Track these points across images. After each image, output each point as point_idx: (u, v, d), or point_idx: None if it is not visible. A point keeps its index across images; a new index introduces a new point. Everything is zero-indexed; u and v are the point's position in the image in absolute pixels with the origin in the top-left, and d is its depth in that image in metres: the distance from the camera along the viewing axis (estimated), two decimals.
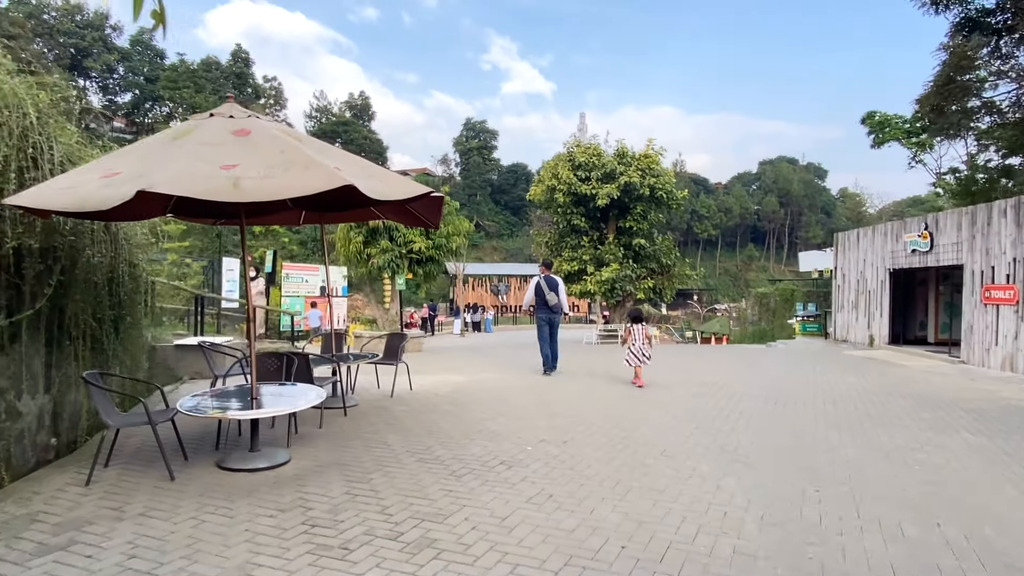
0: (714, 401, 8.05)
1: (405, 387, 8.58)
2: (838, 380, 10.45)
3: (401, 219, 8.37)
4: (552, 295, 10.17)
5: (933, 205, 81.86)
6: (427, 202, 7.38)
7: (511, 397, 8.11)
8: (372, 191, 4.29)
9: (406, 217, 8.01)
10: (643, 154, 21.96)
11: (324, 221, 8.96)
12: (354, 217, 8.58)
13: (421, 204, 7.45)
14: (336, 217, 8.65)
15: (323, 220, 9.01)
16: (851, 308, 18.11)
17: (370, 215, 8.24)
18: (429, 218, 7.69)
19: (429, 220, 7.77)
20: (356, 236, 12.98)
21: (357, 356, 7.74)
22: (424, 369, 10.78)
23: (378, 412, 7.01)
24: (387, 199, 4.50)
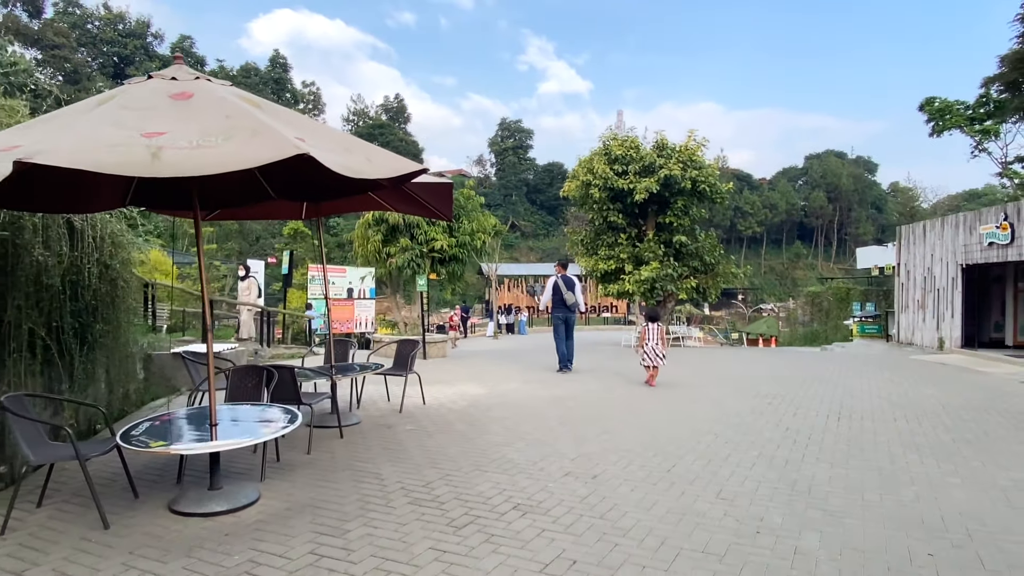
0: (774, 418, 6.88)
1: (417, 401, 7.66)
2: (914, 391, 9.11)
3: (410, 209, 7.45)
4: (569, 294, 10.17)
5: (991, 198, 77.91)
6: (436, 190, 6.44)
7: (535, 414, 7.09)
8: (339, 165, 3.34)
9: (415, 207, 7.10)
10: (683, 146, 20.63)
11: (326, 212, 8.13)
12: (357, 206, 7.70)
13: (430, 193, 6.53)
14: (336, 207, 7.78)
15: (324, 212, 8.19)
16: (917, 308, 16.50)
17: (374, 204, 7.35)
18: (440, 208, 6.75)
19: (440, 211, 6.82)
20: (375, 235, 12.16)
21: (359, 367, 6.83)
22: (444, 378, 9.85)
23: (379, 433, 6.08)
24: (360, 176, 3.54)
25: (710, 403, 7.87)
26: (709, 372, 11.21)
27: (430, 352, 12.50)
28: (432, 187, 6.29)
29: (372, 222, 12.30)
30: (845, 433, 6.25)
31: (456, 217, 12.60)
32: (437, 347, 12.76)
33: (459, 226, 12.49)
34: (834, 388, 9.25)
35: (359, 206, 7.63)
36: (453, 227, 12.53)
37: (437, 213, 6.94)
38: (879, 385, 9.72)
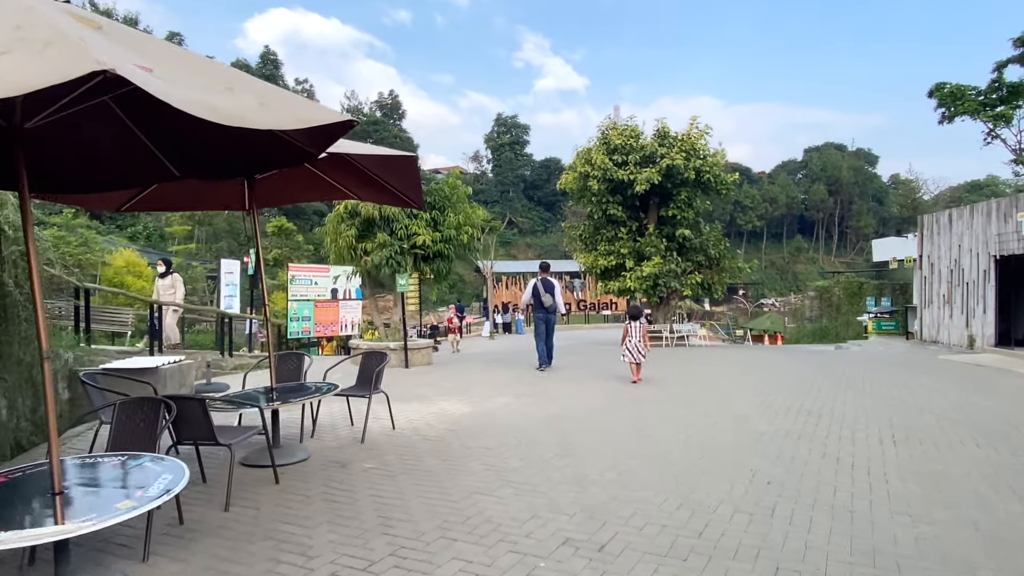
0: (816, 445, 5.64)
1: (385, 424, 6.41)
2: (965, 402, 7.90)
3: (373, 195, 6.22)
4: (548, 297, 10.63)
5: (993, 190, 76.89)
6: (396, 167, 5.20)
7: (526, 441, 5.85)
8: (196, 104, 2.11)
9: (376, 192, 5.87)
10: (686, 134, 19.38)
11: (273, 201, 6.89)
12: (306, 193, 6.45)
13: (389, 171, 5.29)
14: (282, 194, 6.53)
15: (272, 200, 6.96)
16: (942, 303, 15.29)
17: (326, 189, 6.12)
18: (406, 192, 5.53)
19: (406, 195, 5.60)
20: (347, 229, 10.87)
21: (314, 389, 5.57)
22: (424, 392, 8.61)
23: (328, 474, 4.84)
24: (235, 122, 2.30)
25: (734, 421, 6.64)
26: (723, 378, 9.97)
27: (413, 360, 11.25)
28: (391, 163, 5.06)
29: (345, 215, 11.02)
30: (909, 465, 5.02)
31: (440, 209, 11.33)
32: (421, 354, 11.50)
33: (444, 219, 11.21)
34: (873, 400, 8.02)
35: (309, 193, 6.38)
36: (438, 220, 11.26)
37: (404, 199, 5.71)
38: (921, 394, 8.49)
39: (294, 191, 6.31)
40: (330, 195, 6.32)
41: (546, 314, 10.82)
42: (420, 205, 5.72)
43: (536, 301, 10.80)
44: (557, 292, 10.76)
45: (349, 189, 6.00)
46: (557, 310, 10.83)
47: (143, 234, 50.67)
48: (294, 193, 6.41)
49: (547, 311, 10.77)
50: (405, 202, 5.80)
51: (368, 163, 5.18)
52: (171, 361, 7.89)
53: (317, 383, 5.76)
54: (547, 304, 10.67)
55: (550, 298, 10.62)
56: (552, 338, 11.11)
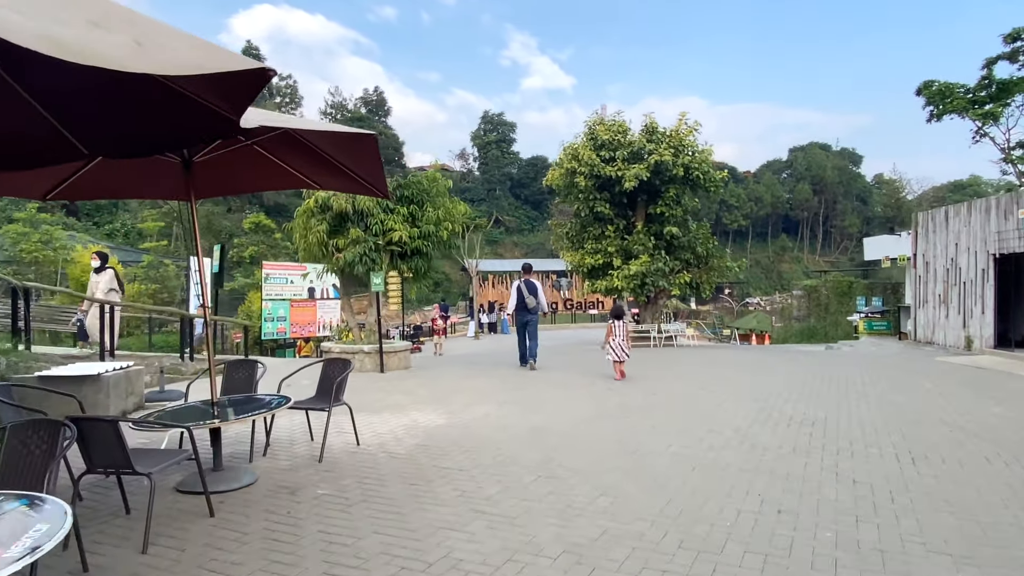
0: (827, 462, 5.08)
1: (349, 440, 5.77)
2: (976, 409, 7.39)
3: (333, 182, 5.58)
4: (531, 298, 10.89)
5: (976, 190, 77.46)
6: (351, 147, 4.56)
7: (505, 459, 5.23)
8: (34, 37, 1.47)
9: (336, 177, 5.24)
10: (674, 130, 18.86)
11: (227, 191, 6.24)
12: (267, 183, 5.80)
13: (344, 150, 4.65)
14: (238, 183, 5.87)
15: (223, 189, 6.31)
16: (938, 303, 14.88)
17: (290, 179, 5.48)
18: (366, 176, 4.90)
19: (367, 181, 4.96)
20: (318, 224, 10.17)
21: (269, 401, 4.91)
22: (398, 400, 7.96)
23: (274, 502, 4.19)
24: (96, 62, 1.66)
25: (732, 434, 6.07)
26: (717, 382, 9.41)
27: (389, 364, 10.59)
28: (348, 144, 4.42)
29: (315, 209, 10.32)
30: (935, 489, 4.46)
31: (419, 204, 10.68)
32: (398, 357, 10.84)
33: (422, 214, 10.56)
34: (878, 407, 7.50)
35: (262, 180, 5.72)
36: (416, 215, 10.60)
37: (368, 187, 5.07)
38: (927, 400, 7.99)
39: (244, 178, 5.65)
40: (286, 183, 5.67)
41: (528, 315, 11.11)
42: (385, 193, 5.08)
43: (520, 302, 11.05)
44: (540, 293, 11.08)
45: (306, 175, 5.35)
46: (539, 310, 11.15)
47: (121, 231, 49.40)
48: (244, 180, 5.75)
49: (530, 312, 11.05)
50: (369, 190, 5.16)
51: (322, 143, 4.54)
52: (117, 367, 7.20)
53: (269, 395, 5.10)
54: (531, 306, 10.95)
55: (533, 300, 10.92)
56: (536, 338, 11.29)
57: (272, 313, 17.94)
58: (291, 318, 18.31)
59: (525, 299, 10.92)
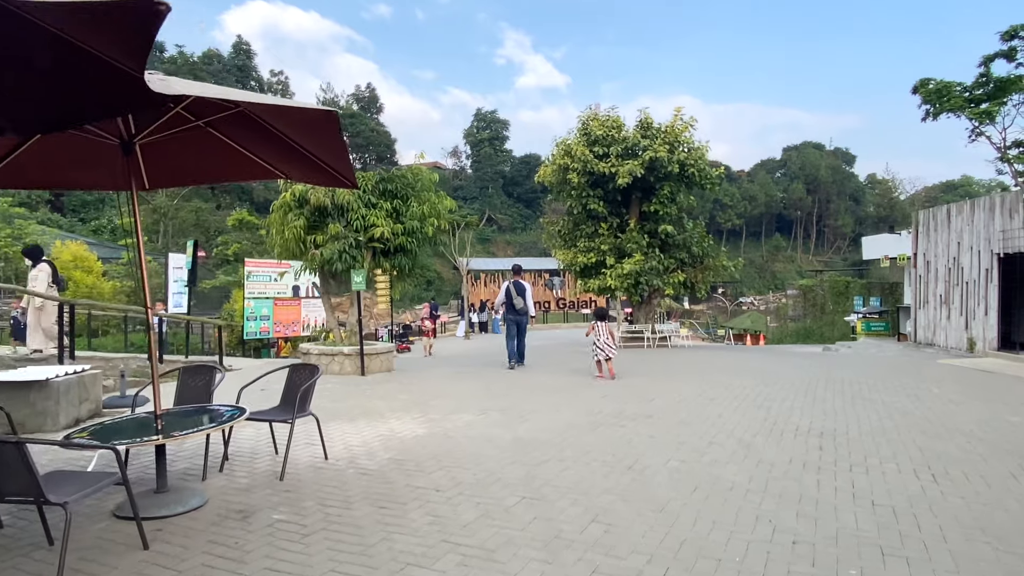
0: (842, 481, 4.61)
1: (316, 453, 5.26)
2: (992, 418, 6.96)
3: (303, 175, 5.08)
4: (519, 299, 11.00)
5: (968, 190, 77.54)
6: (318, 132, 4.06)
7: (486, 477, 4.74)
8: None
9: (308, 170, 4.74)
10: (670, 126, 18.40)
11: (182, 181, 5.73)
12: (228, 172, 5.27)
13: (312, 139, 4.15)
14: (194, 172, 5.35)
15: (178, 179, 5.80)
16: (939, 304, 14.49)
17: (253, 167, 4.98)
18: (337, 167, 4.38)
19: (339, 172, 4.46)
20: (295, 219, 9.64)
21: (222, 413, 4.39)
22: (376, 406, 7.45)
23: (221, 530, 3.68)
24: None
25: (735, 446, 5.59)
26: (715, 387, 8.95)
27: (371, 366, 10.07)
28: (306, 123, 3.92)
29: (292, 203, 9.79)
30: (963, 511, 4.00)
31: (403, 198, 10.17)
32: (380, 359, 10.32)
33: (406, 209, 10.05)
34: (887, 414, 7.05)
35: (222, 169, 5.18)
36: (400, 210, 10.09)
37: (336, 175, 4.57)
38: (938, 407, 7.55)
39: (201, 166, 5.13)
40: (248, 172, 5.15)
41: (517, 316, 11.21)
42: (353, 183, 4.57)
43: (508, 303, 11.17)
44: (528, 295, 11.23)
45: (269, 163, 4.85)
46: (527, 312, 11.24)
47: (107, 228, 48.56)
48: (201, 169, 5.22)
49: (518, 313, 11.17)
50: (337, 179, 4.66)
51: (280, 124, 4.04)
52: (71, 371, 6.67)
53: (224, 406, 4.59)
54: (518, 307, 11.09)
55: (521, 300, 11.05)
56: (524, 338, 11.42)
57: (255, 312, 17.37)
58: (275, 317, 17.74)
59: (513, 300, 11.05)
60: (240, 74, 76.27)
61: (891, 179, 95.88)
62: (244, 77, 76.58)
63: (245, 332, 17.41)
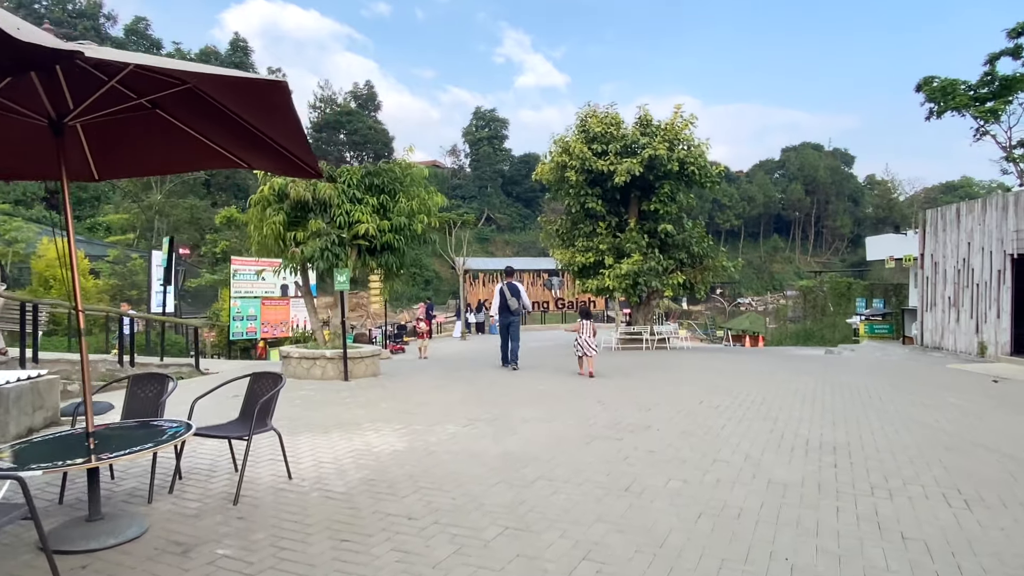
0: (863, 508, 4.13)
1: (281, 471, 4.76)
2: (1016, 430, 6.49)
3: (265, 163, 4.59)
4: (513, 300, 11.05)
5: (967, 191, 77.20)
6: (270, 110, 3.57)
7: (467, 501, 4.25)
8: None
9: (267, 157, 4.25)
10: (669, 123, 17.93)
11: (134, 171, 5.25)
12: (183, 160, 4.77)
13: (267, 120, 3.66)
14: (147, 160, 4.85)
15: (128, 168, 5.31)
16: (947, 306, 14.02)
17: (209, 155, 4.49)
18: (297, 153, 3.90)
19: (300, 159, 3.97)
20: (274, 215, 9.14)
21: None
22: (354, 416, 6.95)
23: (151, 570, 3.18)
24: None
25: (742, 463, 5.10)
26: (716, 393, 8.46)
27: (355, 371, 9.57)
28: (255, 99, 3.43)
29: (271, 198, 9.29)
30: (1005, 547, 3.52)
31: (390, 194, 9.68)
32: (364, 364, 9.81)
33: (394, 205, 9.56)
34: (904, 427, 6.57)
35: (177, 157, 4.67)
36: (387, 206, 9.60)
37: (299, 164, 4.08)
38: (958, 419, 7.07)
39: (154, 154, 4.64)
40: (205, 160, 4.66)
41: (509, 317, 11.16)
42: (316, 171, 4.08)
43: (502, 304, 11.14)
44: (522, 294, 11.24)
45: (227, 149, 4.35)
46: (524, 310, 11.37)
47: (102, 226, 48.02)
48: (156, 157, 4.71)
49: (511, 314, 11.11)
50: (300, 168, 4.16)
51: (229, 100, 3.55)
52: (25, 377, 6.17)
53: (171, 421, 4.09)
54: (512, 308, 11.02)
55: (515, 301, 11.02)
56: (517, 340, 11.33)
57: (241, 312, 16.86)
58: (262, 317, 17.24)
59: (507, 301, 11.03)
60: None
61: (890, 180, 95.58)
62: None
63: (231, 332, 16.89)
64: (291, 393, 8.37)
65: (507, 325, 11.25)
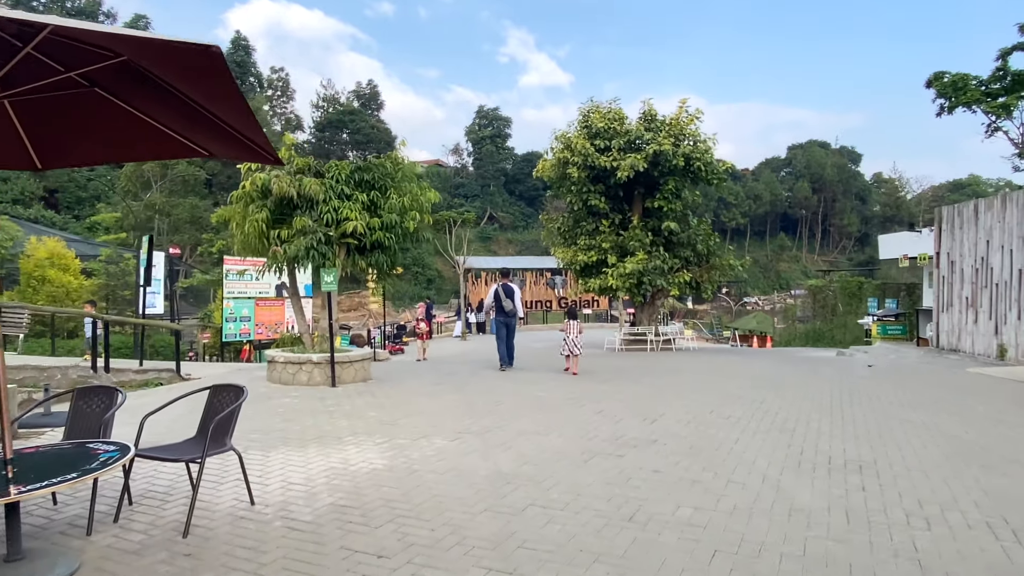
0: (900, 542, 3.61)
1: (240, 495, 4.26)
2: None
3: (222, 148, 4.10)
4: (508, 301, 11.07)
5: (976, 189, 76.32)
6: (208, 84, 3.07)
7: (448, 535, 3.74)
8: None
9: (219, 140, 3.77)
10: (674, 118, 17.40)
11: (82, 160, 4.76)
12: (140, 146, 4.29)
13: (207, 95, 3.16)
14: (92, 148, 4.36)
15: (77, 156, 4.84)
16: (964, 307, 13.46)
17: (161, 141, 4.01)
18: (247, 134, 3.40)
19: (252, 140, 3.48)
20: (257, 211, 8.65)
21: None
22: (335, 427, 6.45)
23: None
24: None
25: (759, 486, 4.59)
26: (727, 401, 7.94)
27: (344, 376, 9.09)
28: (186, 67, 2.94)
29: (254, 194, 8.81)
30: None
31: (381, 190, 9.19)
32: (353, 368, 9.31)
33: (384, 202, 9.07)
34: (932, 440, 6.04)
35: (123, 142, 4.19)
36: (377, 203, 9.11)
37: (255, 148, 3.59)
38: (990, 430, 6.53)
39: (101, 139, 4.15)
40: (160, 147, 4.17)
41: (506, 318, 11.22)
42: (272, 156, 3.59)
43: (497, 305, 11.21)
44: (517, 297, 11.29)
45: (177, 132, 3.87)
46: (516, 314, 11.27)
47: (102, 225, 47.70)
48: (103, 143, 4.22)
49: (507, 315, 11.19)
50: (256, 153, 3.67)
51: (166, 73, 3.06)
52: None
53: (107, 445, 3.59)
54: (507, 309, 11.11)
55: (510, 303, 11.08)
56: (513, 340, 11.44)
57: (235, 313, 16.39)
58: (256, 318, 16.76)
59: (502, 302, 11.08)
60: (239, 70, 75.48)
61: (898, 178, 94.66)
62: (243, 73, 75.81)
63: (223, 334, 16.43)
64: (273, 401, 7.89)
65: (503, 325, 11.33)
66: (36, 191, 46.81)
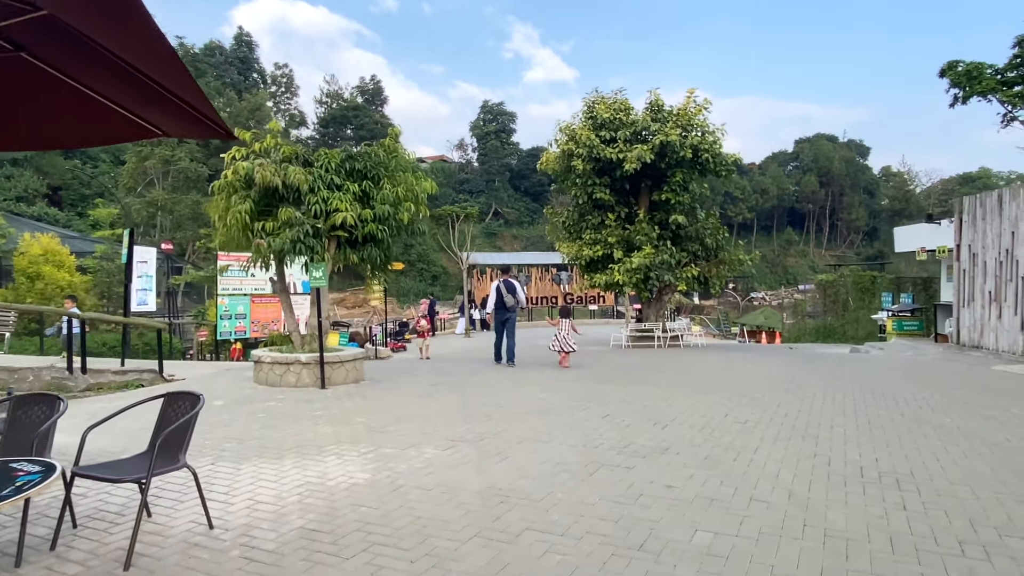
0: (957, 570, 3.09)
1: (197, 518, 3.77)
2: None
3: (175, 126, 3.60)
4: (510, 297, 11.15)
5: (986, 182, 75.36)
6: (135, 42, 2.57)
7: (433, 562, 3.24)
8: None
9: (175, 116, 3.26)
10: (682, 108, 16.83)
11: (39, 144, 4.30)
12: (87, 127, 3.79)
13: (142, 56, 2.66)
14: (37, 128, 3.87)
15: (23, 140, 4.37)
16: (987, 302, 12.86)
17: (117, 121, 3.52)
18: (194, 103, 2.88)
19: (201, 112, 2.96)
20: (240, 203, 8.16)
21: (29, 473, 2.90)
22: (318, 433, 5.96)
23: None
24: None
25: (785, 504, 4.06)
26: (742, 404, 7.41)
27: (335, 377, 8.60)
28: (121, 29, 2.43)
29: (238, 184, 8.31)
30: None
31: (373, 179, 8.68)
32: (344, 369, 8.82)
33: (377, 192, 8.56)
34: (971, 448, 5.50)
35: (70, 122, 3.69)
36: (369, 193, 8.60)
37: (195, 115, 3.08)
38: None
39: (45, 119, 3.67)
40: (108, 126, 3.67)
41: (506, 314, 11.24)
42: (225, 130, 3.09)
43: (498, 302, 11.23)
44: (519, 291, 11.36)
45: (119, 104, 3.37)
46: (517, 308, 11.37)
47: (106, 222, 47.37)
48: (48, 124, 3.74)
49: (508, 310, 11.19)
50: (208, 127, 3.16)
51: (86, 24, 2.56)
52: None
53: (30, 464, 3.10)
54: (509, 304, 11.10)
55: (512, 298, 11.10)
56: (513, 337, 11.42)
57: (230, 310, 15.95)
58: (252, 315, 16.32)
59: (504, 297, 11.11)
60: (242, 66, 75.20)
61: (906, 171, 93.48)
62: (246, 69, 75.51)
63: (218, 332, 16.00)
64: (256, 404, 7.41)
65: (504, 321, 11.34)
66: (40, 188, 46.56)
